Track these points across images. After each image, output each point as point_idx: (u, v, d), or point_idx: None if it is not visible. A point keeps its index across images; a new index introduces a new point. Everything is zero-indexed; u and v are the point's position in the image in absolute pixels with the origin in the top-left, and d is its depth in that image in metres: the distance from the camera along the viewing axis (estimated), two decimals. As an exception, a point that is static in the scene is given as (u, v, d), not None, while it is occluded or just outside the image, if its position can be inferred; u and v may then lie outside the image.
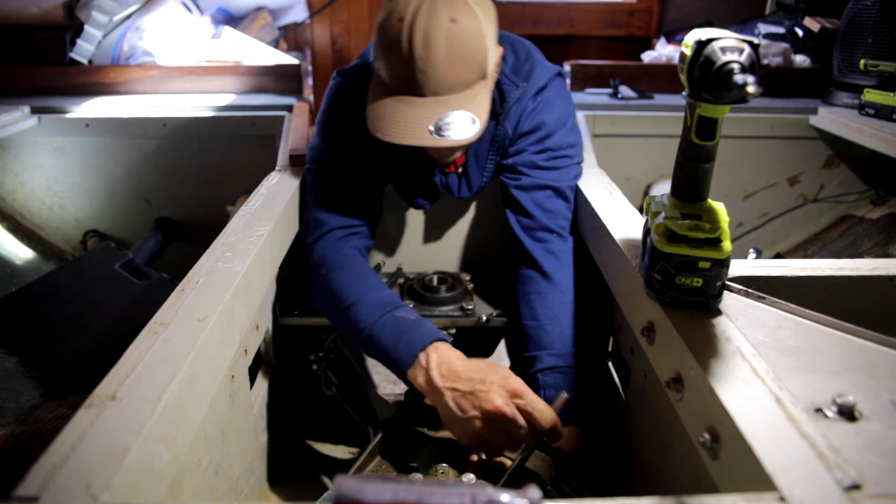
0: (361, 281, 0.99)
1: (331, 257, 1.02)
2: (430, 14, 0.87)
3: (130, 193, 1.76)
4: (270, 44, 2.28)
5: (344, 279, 0.98)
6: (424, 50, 0.87)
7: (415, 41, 0.87)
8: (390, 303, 0.95)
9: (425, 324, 0.92)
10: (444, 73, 0.89)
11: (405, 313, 0.94)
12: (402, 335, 0.90)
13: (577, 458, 0.91)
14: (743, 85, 0.53)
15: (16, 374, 1.16)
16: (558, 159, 1.13)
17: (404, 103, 0.91)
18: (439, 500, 0.42)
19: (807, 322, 0.70)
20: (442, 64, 0.88)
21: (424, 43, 0.87)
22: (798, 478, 0.47)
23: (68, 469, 0.48)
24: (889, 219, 1.69)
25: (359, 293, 0.96)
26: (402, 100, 0.91)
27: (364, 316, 0.93)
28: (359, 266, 1.02)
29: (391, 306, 0.94)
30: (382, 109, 0.92)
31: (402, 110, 0.91)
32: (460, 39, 0.89)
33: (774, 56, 1.93)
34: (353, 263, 1.02)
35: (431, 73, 0.88)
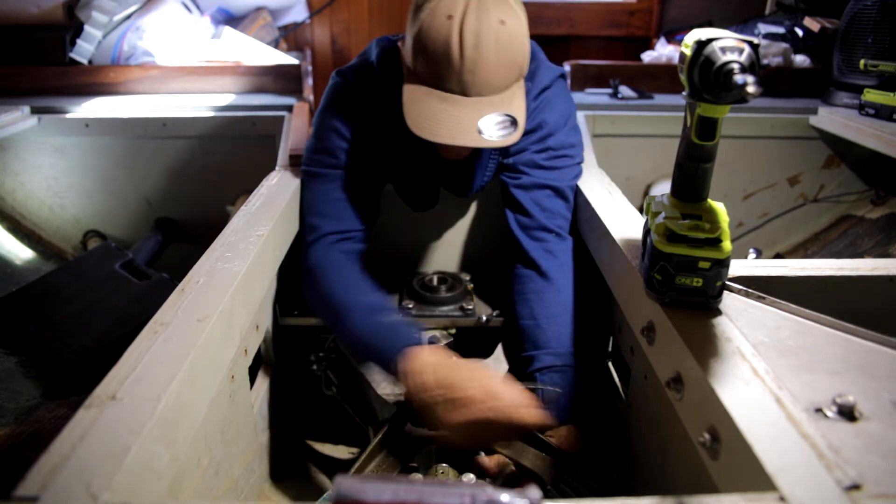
0: (351, 286, 0.99)
1: (322, 262, 1.02)
2: (480, 14, 0.87)
3: (130, 193, 1.76)
4: (270, 44, 2.28)
5: (335, 285, 0.99)
6: (475, 51, 0.87)
7: (465, 41, 0.87)
8: (378, 307, 0.96)
9: (409, 328, 0.92)
10: (492, 75, 0.89)
11: (392, 317, 0.94)
12: (386, 340, 0.90)
13: (576, 458, 0.91)
14: (743, 85, 0.53)
15: (16, 374, 1.16)
16: (559, 159, 1.13)
17: (449, 103, 0.90)
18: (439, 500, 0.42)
19: (807, 322, 0.70)
20: (491, 65, 0.88)
21: (475, 44, 0.87)
22: (798, 478, 0.47)
23: (68, 469, 0.48)
24: (889, 219, 1.69)
25: (348, 299, 0.97)
26: (446, 98, 0.90)
27: (353, 321, 0.94)
28: (349, 271, 1.02)
29: (378, 310, 0.95)
30: (426, 110, 0.91)
31: (447, 110, 0.90)
32: (508, 41, 0.89)
33: (774, 56, 1.93)
34: (344, 269, 1.02)
35: (480, 73, 0.88)
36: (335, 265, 1.02)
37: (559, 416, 0.97)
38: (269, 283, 0.99)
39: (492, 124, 0.90)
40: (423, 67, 0.91)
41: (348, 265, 1.03)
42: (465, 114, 0.90)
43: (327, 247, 1.04)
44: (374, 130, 1.10)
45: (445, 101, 0.90)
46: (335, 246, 1.05)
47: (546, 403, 0.99)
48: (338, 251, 1.04)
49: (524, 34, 0.93)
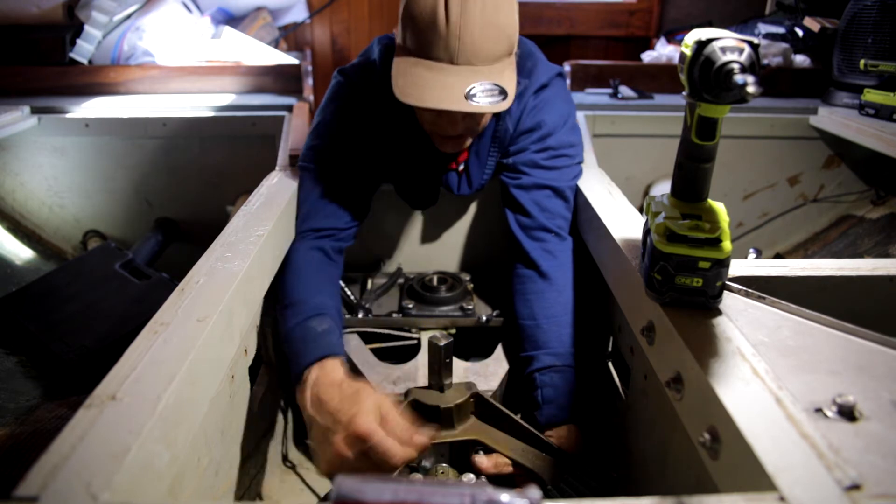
0: (306, 284, 0.98)
1: (294, 258, 1.03)
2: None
3: (130, 193, 1.76)
4: (270, 44, 2.28)
5: (292, 280, 0.99)
6: (461, 16, 0.87)
7: (451, 8, 0.87)
8: (314, 310, 0.93)
9: (327, 338, 0.89)
10: (479, 42, 0.88)
11: (320, 323, 0.92)
12: (301, 344, 0.89)
13: (576, 458, 0.91)
14: (743, 85, 0.53)
15: (16, 374, 1.16)
16: (559, 158, 1.13)
17: (437, 71, 0.90)
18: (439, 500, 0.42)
19: (807, 322, 0.70)
20: (477, 31, 0.88)
21: (461, 10, 0.87)
22: (798, 478, 0.47)
23: (68, 469, 0.48)
24: (889, 219, 1.69)
25: (294, 297, 0.96)
26: (433, 67, 0.90)
27: (287, 320, 0.93)
28: (313, 269, 1.02)
29: (312, 312, 0.93)
30: (413, 76, 0.91)
31: (435, 77, 0.89)
32: (494, 9, 0.89)
33: (774, 56, 1.93)
34: (309, 266, 1.02)
35: (467, 39, 0.88)
36: (304, 262, 1.02)
37: (559, 415, 0.97)
38: (268, 283, 0.99)
39: (480, 92, 0.89)
40: (411, 38, 0.91)
41: (317, 263, 1.03)
42: (452, 80, 0.89)
43: (305, 242, 1.05)
44: (374, 128, 1.10)
45: (433, 69, 0.90)
46: (314, 242, 1.05)
47: (544, 404, 0.99)
48: (315, 248, 1.05)
49: (511, 4, 0.92)
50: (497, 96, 0.90)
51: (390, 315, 1.23)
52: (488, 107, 0.90)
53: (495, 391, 1.07)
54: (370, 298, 1.31)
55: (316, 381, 0.83)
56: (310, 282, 0.99)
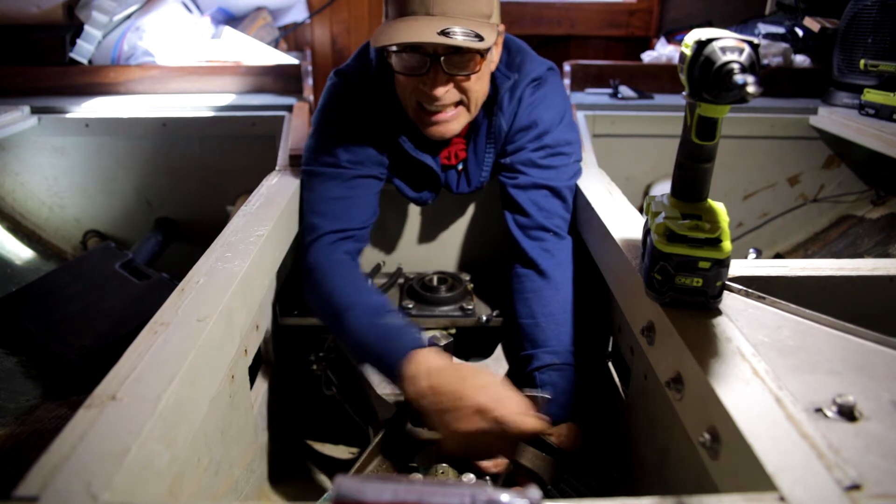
0: (351, 287, 0.99)
1: (322, 262, 1.02)
2: None
3: (130, 193, 1.76)
4: (270, 44, 2.28)
5: (335, 286, 0.99)
6: None
7: None
8: (379, 309, 0.95)
9: (409, 331, 0.92)
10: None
11: (392, 319, 0.94)
12: (387, 343, 0.90)
13: (577, 458, 0.91)
14: (743, 85, 0.53)
15: (16, 374, 1.16)
16: (556, 157, 1.13)
17: (412, 19, 0.92)
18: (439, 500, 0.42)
19: (807, 322, 0.70)
20: None
21: None
22: (798, 478, 0.47)
23: (68, 469, 0.48)
24: (889, 219, 1.69)
25: (349, 300, 0.96)
26: (411, 19, 0.93)
27: (354, 323, 0.94)
28: (349, 272, 1.02)
29: (379, 313, 0.94)
30: (388, 28, 0.93)
31: (409, 23, 0.92)
32: None
33: (774, 56, 1.93)
34: (344, 269, 1.02)
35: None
36: (335, 265, 1.02)
37: (559, 413, 0.97)
38: (269, 283, 0.99)
39: (456, 31, 0.91)
40: (391, 5, 0.95)
41: (348, 265, 1.03)
42: (426, 22, 0.92)
43: (327, 246, 1.04)
44: (373, 127, 1.11)
45: (409, 20, 0.93)
46: (335, 245, 1.05)
47: (544, 405, 0.99)
48: (338, 251, 1.04)
49: None
50: (473, 38, 0.92)
51: (390, 315, 1.23)
52: (463, 41, 0.91)
53: (495, 391, 1.07)
54: (370, 298, 1.31)
55: (427, 370, 0.85)
56: (357, 284, 1.00)
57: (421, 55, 0.96)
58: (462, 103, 1.03)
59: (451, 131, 1.06)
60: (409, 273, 1.38)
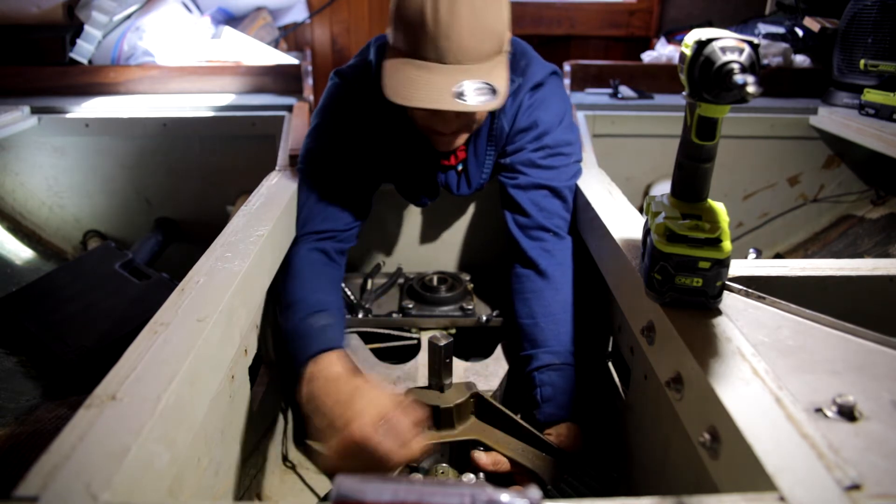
0: (307, 285, 0.98)
1: (295, 260, 1.03)
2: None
3: (130, 193, 1.76)
4: (270, 44, 2.28)
5: (293, 284, 0.99)
6: (449, 15, 0.87)
7: (439, 9, 0.87)
8: (315, 306, 0.93)
9: (327, 333, 0.89)
10: (467, 41, 0.88)
11: (320, 319, 0.91)
12: (300, 340, 0.89)
13: (577, 458, 0.91)
14: (743, 85, 0.53)
15: (16, 374, 1.16)
16: (555, 157, 1.13)
17: (426, 70, 0.89)
18: (439, 500, 0.42)
19: (807, 322, 0.70)
20: (465, 30, 0.88)
21: (450, 10, 0.87)
22: (798, 478, 0.47)
23: (68, 469, 0.48)
24: (889, 219, 1.69)
25: (296, 297, 0.96)
26: (422, 66, 0.89)
27: (288, 319, 0.93)
28: (314, 271, 1.01)
29: (313, 311, 0.92)
30: (402, 76, 0.90)
31: (424, 76, 0.89)
32: (483, 7, 0.89)
33: (774, 56, 1.93)
34: (311, 269, 1.02)
35: (455, 38, 0.87)
36: (306, 264, 1.02)
37: (559, 413, 0.97)
38: (269, 283, 0.99)
39: (470, 90, 0.89)
40: (401, 38, 0.91)
41: (318, 264, 1.03)
42: (441, 79, 0.89)
43: (306, 245, 1.05)
44: (371, 129, 1.11)
45: (422, 68, 0.89)
46: (315, 244, 1.05)
47: (543, 402, 0.99)
48: (316, 250, 1.05)
49: (500, 2, 0.92)
50: (487, 94, 0.90)
51: (390, 315, 1.23)
52: (478, 105, 0.89)
53: (495, 391, 1.07)
54: (370, 298, 1.31)
55: (312, 378, 0.82)
56: (310, 281, 1.00)
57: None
58: (469, 128, 1.04)
59: (457, 146, 1.08)
60: (409, 273, 1.38)
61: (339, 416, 0.75)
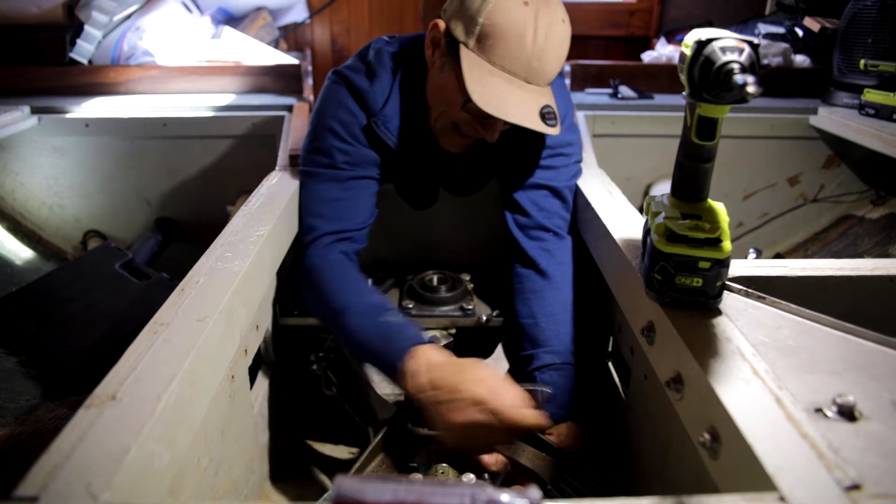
0: (349, 287, 0.99)
1: (320, 264, 1.02)
2: (550, 8, 0.92)
3: (130, 193, 1.76)
4: (270, 44, 2.28)
5: (332, 286, 0.99)
6: (546, 41, 0.91)
7: (539, 30, 0.90)
8: (377, 307, 0.95)
9: (409, 328, 0.92)
10: (552, 67, 0.94)
11: (391, 317, 0.94)
12: (386, 341, 0.90)
13: (577, 458, 0.91)
14: (743, 85, 0.53)
15: (16, 374, 1.16)
16: (556, 157, 1.13)
17: (515, 86, 0.92)
18: (439, 500, 0.42)
19: (807, 322, 0.70)
20: (554, 56, 0.93)
21: (547, 34, 0.91)
22: (798, 478, 0.47)
23: (68, 469, 0.48)
24: (889, 219, 1.69)
25: (347, 300, 0.96)
26: (511, 81, 0.92)
27: (353, 323, 0.94)
28: (347, 272, 1.02)
29: (378, 311, 0.94)
30: (493, 87, 0.92)
31: (514, 93, 0.92)
32: (566, 39, 0.95)
33: (774, 56, 1.93)
34: (342, 269, 1.02)
35: (545, 63, 0.92)
36: (333, 266, 1.02)
37: (559, 413, 0.97)
38: (269, 283, 0.99)
39: (547, 114, 0.93)
40: (490, 46, 0.92)
41: (346, 266, 1.03)
42: (527, 97, 0.93)
43: (325, 247, 1.04)
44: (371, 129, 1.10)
45: (511, 83, 0.92)
46: (333, 246, 1.05)
47: (545, 402, 0.99)
48: (336, 251, 1.04)
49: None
50: (555, 120, 0.94)
51: (390, 315, 1.23)
52: (553, 129, 0.94)
53: (495, 391, 1.07)
54: (370, 298, 1.31)
55: (427, 365, 0.85)
56: (356, 284, 1.00)
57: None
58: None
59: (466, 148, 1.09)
60: (409, 273, 1.38)
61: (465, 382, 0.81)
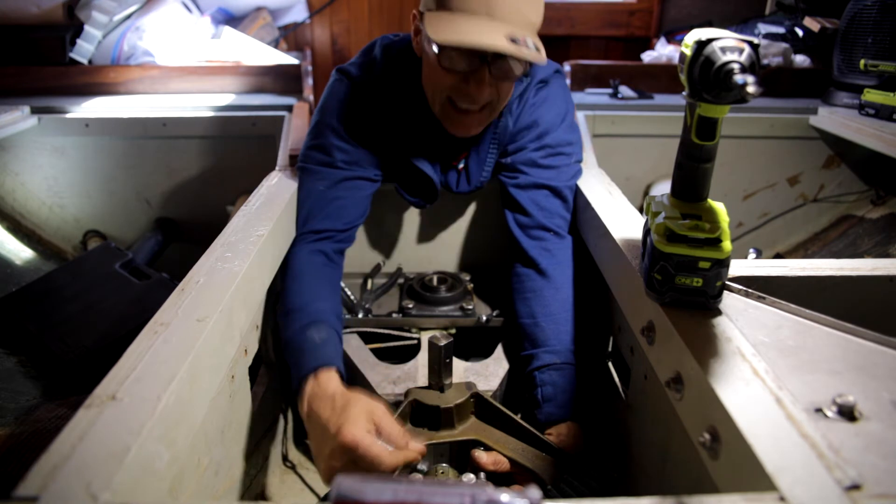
0: (306, 290, 0.98)
1: (295, 261, 1.02)
2: None
3: (130, 193, 1.76)
4: (270, 44, 2.28)
5: (293, 285, 0.99)
6: None
7: None
8: (315, 317, 0.93)
9: (325, 348, 0.89)
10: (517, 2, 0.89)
11: (318, 333, 0.91)
12: (299, 355, 0.89)
13: (577, 458, 0.91)
14: (743, 85, 0.53)
15: (16, 374, 1.16)
16: (556, 157, 1.13)
17: (479, 20, 0.89)
18: (439, 500, 0.42)
19: (807, 322, 0.70)
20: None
21: None
22: (798, 478, 0.47)
23: (68, 469, 0.48)
24: (889, 219, 1.69)
25: (296, 301, 0.96)
26: (474, 18, 0.89)
27: (288, 328, 0.93)
28: (313, 274, 1.01)
29: (313, 322, 0.92)
30: (457, 27, 0.89)
31: (478, 24, 0.89)
32: None
33: (774, 56, 1.93)
34: (311, 270, 1.01)
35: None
36: (304, 266, 1.02)
37: (559, 413, 0.97)
38: (268, 283, 0.99)
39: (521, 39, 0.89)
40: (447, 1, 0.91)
41: (316, 267, 1.03)
42: (493, 27, 0.89)
43: (305, 245, 1.05)
44: (374, 127, 1.10)
45: (471, 19, 0.89)
46: (314, 244, 1.05)
47: (544, 402, 0.99)
48: (315, 251, 1.05)
49: None
50: (532, 49, 0.90)
51: (390, 315, 1.23)
52: (532, 53, 0.89)
53: (495, 391, 1.07)
54: (370, 298, 1.31)
55: (311, 394, 0.84)
56: (310, 287, 0.99)
57: (474, 56, 0.94)
58: (490, 105, 1.02)
59: (475, 131, 1.07)
60: (409, 273, 1.38)
61: (332, 424, 0.77)
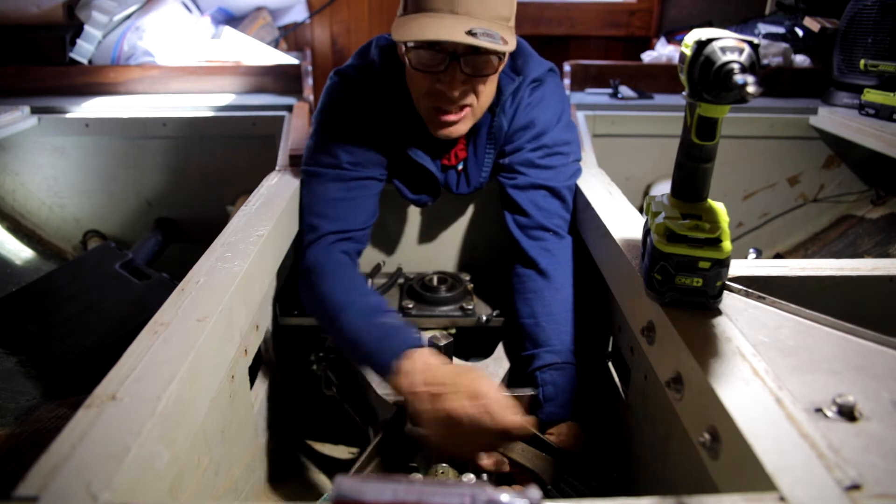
0: (349, 287, 0.99)
1: (321, 264, 1.02)
2: None
3: (130, 193, 1.76)
4: (270, 44, 2.28)
5: (332, 286, 0.99)
6: None
7: None
8: (376, 309, 0.95)
9: (407, 331, 0.92)
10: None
11: (389, 319, 0.94)
12: (382, 341, 0.90)
13: (577, 458, 0.91)
14: (743, 85, 0.53)
15: (16, 374, 1.16)
16: (554, 156, 1.13)
17: (441, 17, 0.91)
18: (439, 500, 0.42)
19: (807, 322, 0.70)
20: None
21: None
22: (798, 478, 0.47)
23: (68, 469, 0.48)
24: (889, 219, 1.69)
25: (346, 300, 0.96)
26: (436, 15, 0.91)
27: (350, 322, 0.94)
28: (347, 272, 1.02)
29: (376, 312, 0.94)
30: (413, 24, 0.92)
31: (439, 21, 0.91)
32: None
33: (774, 56, 1.93)
34: (343, 270, 1.02)
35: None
36: (334, 266, 1.02)
37: (559, 413, 0.97)
38: (269, 283, 0.99)
39: (480, 33, 0.90)
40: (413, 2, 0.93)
41: (347, 266, 1.03)
42: (455, 22, 0.90)
43: (326, 247, 1.04)
44: (374, 128, 1.10)
45: (434, 16, 0.91)
46: (334, 246, 1.05)
47: (546, 401, 0.99)
48: (337, 251, 1.04)
49: None
50: (497, 41, 0.91)
51: (390, 315, 1.23)
52: (488, 43, 0.90)
53: (495, 391, 1.07)
54: (370, 298, 1.31)
55: (423, 366, 0.85)
56: (355, 284, 1.00)
57: (441, 53, 0.95)
58: (471, 105, 1.03)
59: (460, 132, 1.07)
60: (409, 273, 1.38)
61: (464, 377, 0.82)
